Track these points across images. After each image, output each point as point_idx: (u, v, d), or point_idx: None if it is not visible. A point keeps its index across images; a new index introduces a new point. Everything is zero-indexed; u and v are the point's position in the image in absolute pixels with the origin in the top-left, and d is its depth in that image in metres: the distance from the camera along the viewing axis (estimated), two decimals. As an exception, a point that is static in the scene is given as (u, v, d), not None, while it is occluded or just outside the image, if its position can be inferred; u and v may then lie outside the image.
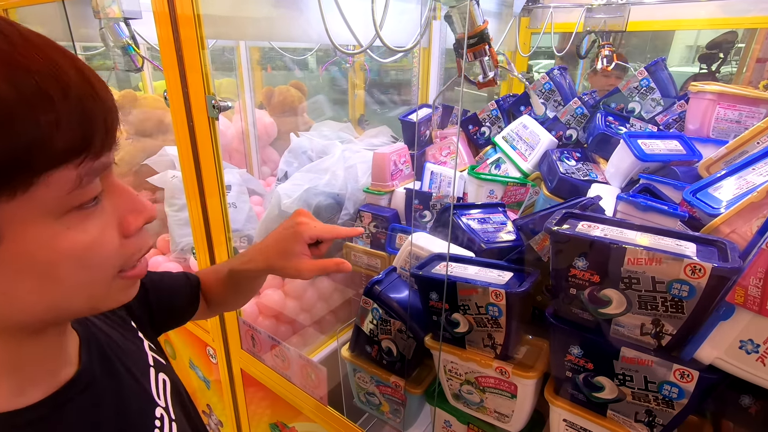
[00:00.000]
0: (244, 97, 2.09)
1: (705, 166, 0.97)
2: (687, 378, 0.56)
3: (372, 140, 1.87)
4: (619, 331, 0.61)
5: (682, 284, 0.53)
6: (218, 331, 1.23)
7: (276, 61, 2.68)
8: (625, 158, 1.08)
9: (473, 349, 0.77)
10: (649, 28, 1.88)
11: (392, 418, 0.96)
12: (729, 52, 2.68)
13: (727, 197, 0.80)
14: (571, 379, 0.67)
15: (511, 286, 0.71)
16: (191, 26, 0.87)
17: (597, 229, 0.62)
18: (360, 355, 0.96)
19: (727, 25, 1.93)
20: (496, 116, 1.53)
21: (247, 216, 1.62)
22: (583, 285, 0.62)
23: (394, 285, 0.90)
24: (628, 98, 1.32)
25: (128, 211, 0.38)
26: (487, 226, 1.00)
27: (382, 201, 1.38)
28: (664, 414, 0.60)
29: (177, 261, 1.59)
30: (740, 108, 1.07)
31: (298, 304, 1.44)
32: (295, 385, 1.11)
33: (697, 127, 1.13)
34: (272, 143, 2.28)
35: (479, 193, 1.29)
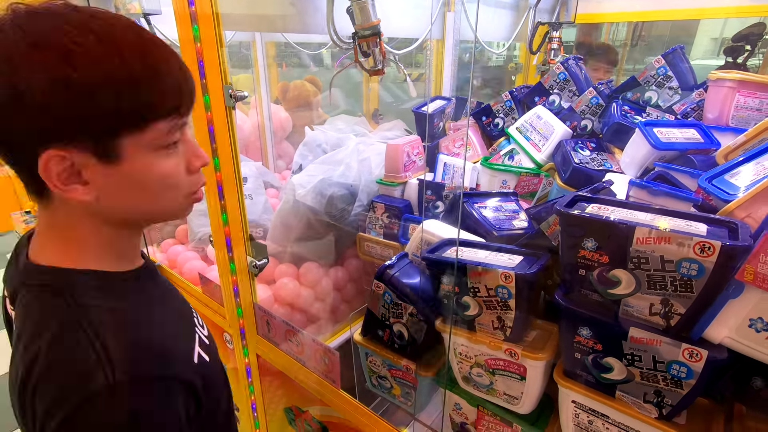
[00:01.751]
0: (260, 92, 2.13)
1: (723, 155, 0.95)
2: (696, 357, 0.56)
3: (386, 133, 1.88)
4: (628, 311, 0.61)
5: (691, 263, 0.54)
6: (235, 317, 1.27)
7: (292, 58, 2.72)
8: (641, 147, 1.07)
9: (483, 332, 0.78)
10: (671, 17, 1.84)
11: (404, 402, 0.98)
12: (756, 44, 2.59)
13: (744, 183, 0.79)
14: (580, 360, 0.68)
15: (521, 268, 0.72)
16: (210, 24, 0.90)
17: (607, 211, 0.63)
18: (372, 339, 0.98)
19: (754, 13, 1.87)
20: (510, 107, 1.52)
21: (263, 207, 1.65)
22: (592, 266, 0.62)
23: (406, 270, 0.92)
24: (644, 87, 1.30)
25: (192, 156, 0.55)
26: (499, 215, 1.00)
27: (395, 192, 1.40)
28: (672, 394, 0.60)
29: (195, 250, 1.64)
30: (761, 96, 1.04)
31: (313, 294, 1.46)
32: (309, 370, 1.13)
33: (715, 116, 1.11)
34: (288, 137, 2.31)
35: (492, 183, 1.29)
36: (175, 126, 0.50)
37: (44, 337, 0.46)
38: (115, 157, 0.47)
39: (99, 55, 0.43)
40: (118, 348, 0.46)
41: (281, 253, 1.50)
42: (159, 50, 0.48)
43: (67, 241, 0.52)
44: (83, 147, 0.45)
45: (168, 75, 0.48)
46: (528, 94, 1.50)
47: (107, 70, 0.43)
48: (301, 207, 1.39)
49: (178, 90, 0.49)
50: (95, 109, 0.44)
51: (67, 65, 0.42)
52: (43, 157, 0.44)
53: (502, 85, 2.50)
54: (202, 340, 0.61)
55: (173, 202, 0.55)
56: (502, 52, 2.10)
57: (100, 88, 0.43)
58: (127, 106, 0.45)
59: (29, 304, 0.50)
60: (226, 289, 1.21)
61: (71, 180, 0.47)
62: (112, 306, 0.50)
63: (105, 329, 0.47)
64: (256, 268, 1.12)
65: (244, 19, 1.20)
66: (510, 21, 1.90)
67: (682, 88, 1.26)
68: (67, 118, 0.43)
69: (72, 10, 0.45)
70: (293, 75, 2.64)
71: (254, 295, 1.20)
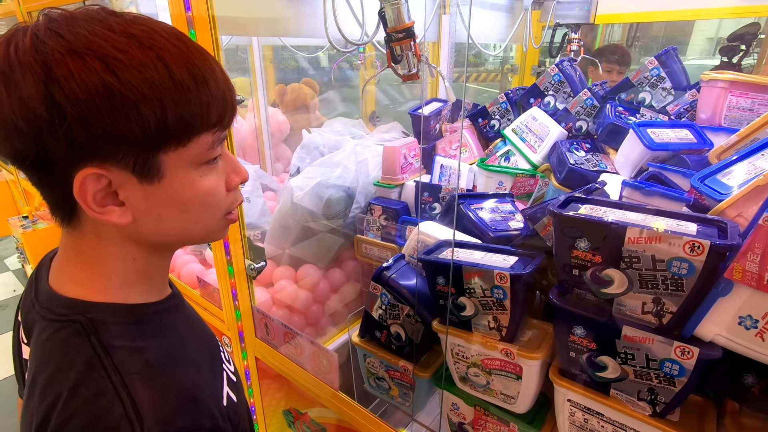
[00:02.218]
0: (257, 95, 2.14)
1: (716, 154, 0.96)
2: (687, 355, 0.57)
3: (383, 135, 1.89)
4: (621, 310, 0.62)
5: (681, 262, 0.54)
6: (233, 320, 1.27)
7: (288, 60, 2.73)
8: (635, 147, 1.08)
9: (479, 332, 0.79)
10: (667, 18, 1.85)
11: (402, 402, 0.98)
12: (751, 44, 2.61)
13: (737, 183, 0.80)
14: (575, 359, 0.69)
15: (516, 269, 0.72)
16: (207, 28, 0.91)
17: (599, 211, 0.63)
18: (370, 341, 0.98)
19: (749, 13, 1.88)
20: (505, 109, 1.53)
21: (261, 210, 1.66)
22: (585, 266, 0.63)
23: (403, 271, 0.92)
24: (638, 88, 1.31)
25: (232, 171, 0.51)
26: (495, 216, 1.01)
27: (392, 194, 1.40)
28: (665, 392, 0.61)
29: (193, 253, 1.64)
30: (753, 96, 1.05)
31: (311, 296, 1.47)
32: (308, 372, 1.14)
33: (708, 116, 1.12)
34: (285, 140, 2.32)
35: (488, 184, 1.30)
36: (218, 139, 0.47)
37: (65, 383, 0.42)
38: (157, 175, 0.43)
39: (143, 63, 0.39)
40: (147, 398, 0.42)
41: (279, 255, 1.51)
42: (203, 57, 0.44)
43: (94, 270, 0.48)
44: (123, 165, 0.42)
45: (214, 84, 0.44)
46: (523, 95, 1.52)
47: (152, 79, 0.39)
48: (299, 209, 1.40)
49: (223, 100, 0.45)
50: (140, 124, 0.40)
51: (110, 74, 0.38)
52: (79, 176, 0.40)
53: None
54: (230, 377, 0.57)
55: (212, 222, 0.51)
56: (498, 54, 2.12)
57: (144, 99, 0.39)
58: (173, 118, 0.41)
59: (49, 341, 0.46)
60: (225, 293, 1.21)
61: (107, 201, 0.43)
62: (140, 346, 0.46)
63: (132, 375, 0.43)
64: (254, 271, 1.13)
65: (241, 24, 1.21)
66: (505, 23, 1.92)
67: (676, 88, 1.28)
68: (108, 131, 0.39)
69: (111, 14, 0.41)
70: (290, 78, 2.65)
71: (252, 298, 1.21)
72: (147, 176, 0.43)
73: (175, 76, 0.41)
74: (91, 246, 0.48)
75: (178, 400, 0.44)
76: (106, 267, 0.48)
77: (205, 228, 0.50)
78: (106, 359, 0.43)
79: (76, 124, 0.38)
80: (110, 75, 0.38)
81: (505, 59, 2.31)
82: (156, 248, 0.51)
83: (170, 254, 0.55)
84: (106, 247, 0.48)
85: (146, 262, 0.50)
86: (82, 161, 0.40)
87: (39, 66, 0.37)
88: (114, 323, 0.46)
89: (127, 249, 0.48)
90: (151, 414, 0.41)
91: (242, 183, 0.53)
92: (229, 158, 0.51)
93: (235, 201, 0.53)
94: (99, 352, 0.43)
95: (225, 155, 0.51)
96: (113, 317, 0.47)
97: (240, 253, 1.13)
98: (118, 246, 0.48)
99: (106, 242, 0.47)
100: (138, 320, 0.48)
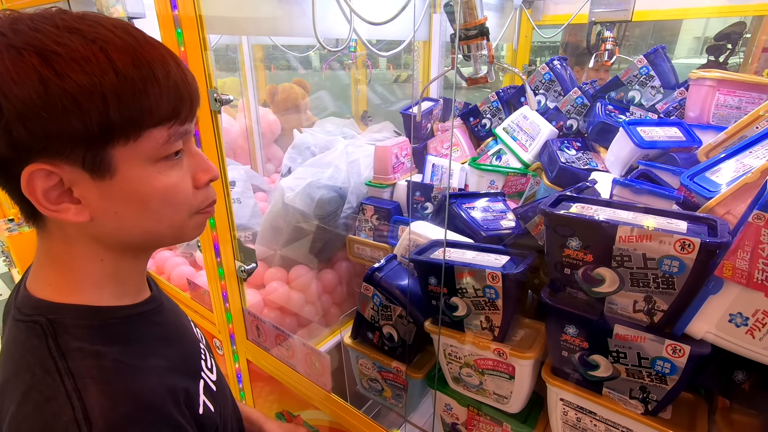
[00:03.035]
0: (247, 95, 2.12)
1: (704, 152, 0.97)
2: (679, 353, 0.57)
3: (375, 135, 1.89)
4: (613, 309, 0.62)
5: (672, 260, 0.54)
6: (224, 322, 1.26)
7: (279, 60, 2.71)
8: (625, 146, 1.08)
9: (472, 332, 0.78)
10: (654, 17, 1.86)
11: (395, 404, 0.98)
12: (737, 43, 2.65)
13: (725, 180, 0.80)
14: (567, 358, 0.68)
15: (508, 268, 0.72)
16: (194, 27, 0.90)
17: (590, 210, 0.63)
18: (362, 342, 0.98)
19: (734, 12, 1.90)
20: (496, 108, 1.53)
21: (252, 211, 1.64)
22: (576, 265, 0.63)
23: (395, 272, 0.92)
24: (627, 87, 1.32)
25: (199, 170, 0.50)
26: (487, 215, 1.01)
27: (384, 194, 1.40)
28: (657, 390, 0.61)
29: (183, 256, 1.62)
30: (740, 94, 1.07)
31: (303, 297, 1.46)
32: (300, 374, 1.13)
33: (697, 114, 1.13)
34: (276, 140, 2.30)
35: (480, 183, 1.30)
36: (175, 134, 0.45)
37: (20, 386, 0.42)
38: (108, 170, 0.43)
39: (84, 56, 0.39)
40: (98, 404, 0.41)
41: (270, 256, 1.49)
42: (153, 50, 0.43)
43: (63, 271, 0.48)
44: (71, 161, 0.41)
45: (164, 77, 0.43)
46: (514, 94, 1.52)
47: (93, 73, 0.39)
48: (290, 210, 1.39)
49: (176, 93, 0.44)
50: (80, 116, 0.39)
51: (47, 67, 0.37)
52: (25, 173, 0.40)
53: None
54: (208, 386, 0.55)
55: (178, 220, 0.49)
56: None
57: (85, 93, 0.38)
58: (117, 113, 0.40)
59: (11, 341, 0.46)
60: (215, 295, 1.20)
61: (62, 199, 0.43)
62: (99, 350, 0.45)
63: (86, 380, 0.42)
64: (245, 273, 1.12)
65: (229, 23, 1.20)
66: (495, 22, 1.92)
67: (664, 87, 1.29)
68: (49, 128, 0.38)
69: (61, 13, 0.41)
70: (281, 78, 2.63)
71: (243, 300, 1.20)
72: (98, 172, 0.42)
73: (119, 69, 0.40)
74: (58, 247, 0.47)
75: (130, 407, 0.43)
76: (74, 268, 0.48)
77: (172, 226, 0.49)
78: (60, 362, 0.42)
79: (14, 121, 0.38)
80: (47, 69, 0.38)
81: (496, 58, 2.31)
82: (124, 249, 0.50)
83: (144, 256, 0.54)
84: (73, 249, 0.47)
85: (115, 263, 0.49)
86: (28, 158, 0.40)
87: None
88: (74, 326, 0.45)
89: (93, 250, 0.48)
90: (101, 420, 0.40)
91: (211, 181, 0.51)
92: (197, 156, 0.50)
93: (206, 199, 0.51)
94: (54, 355, 0.43)
95: (191, 152, 0.50)
96: (75, 319, 0.46)
97: (230, 255, 1.12)
98: (84, 247, 0.47)
99: (72, 243, 0.47)
100: (102, 324, 0.47)
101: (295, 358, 1.13)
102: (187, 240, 0.53)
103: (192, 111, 0.47)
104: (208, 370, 0.58)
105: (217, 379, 0.60)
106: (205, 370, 0.57)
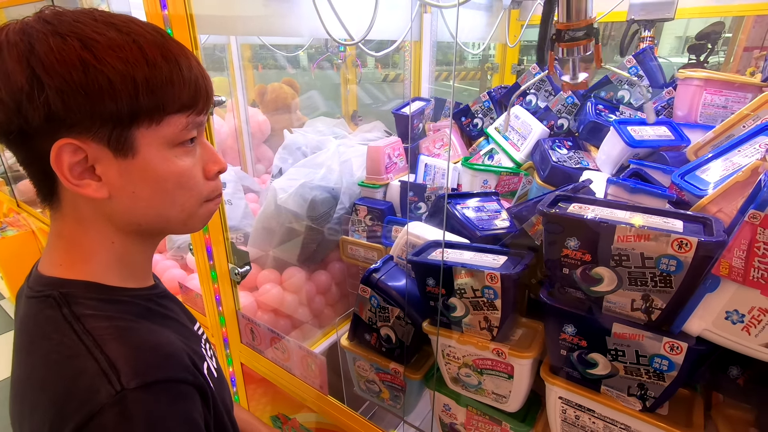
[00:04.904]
0: (236, 95, 2.10)
1: (693, 151, 0.99)
2: (676, 350, 0.58)
3: (366, 135, 1.88)
4: (611, 308, 0.62)
5: (669, 259, 0.55)
6: (217, 325, 1.24)
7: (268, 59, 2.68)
8: (616, 145, 1.10)
9: (470, 332, 0.78)
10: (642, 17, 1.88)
11: (392, 405, 0.98)
12: (717, 42, 2.71)
13: (714, 179, 0.82)
14: (565, 357, 0.69)
15: (506, 268, 0.72)
16: (184, 27, 0.88)
17: (588, 210, 0.64)
18: (359, 344, 0.97)
19: (714, 13, 1.94)
20: (488, 108, 1.54)
21: (243, 213, 1.62)
22: (575, 264, 0.63)
23: (392, 273, 0.92)
24: (617, 86, 1.34)
25: (210, 161, 0.54)
26: (481, 215, 1.01)
27: (377, 194, 1.39)
28: (655, 387, 0.62)
29: (174, 259, 1.60)
30: (726, 93, 1.09)
31: (297, 299, 1.45)
32: (296, 377, 1.12)
33: (685, 113, 1.15)
34: (266, 141, 2.28)
35: (473, 183, 1.31)
36: (192, 123, 0.49)
37: (39, 352, 0.45)
38: (131, 150, 0.46)
39: (119, 44, 0.44)
40: (121, 354, 0.44)
41: (263, 258, 1.48)
42: (178, 47, 0.48)
43: (74, 251, 0.51)
44: (98, 138, 0.45)
45: (188, 69, 0.48)
46: (505, 94, 1.53)
47: (127, 60, 0.43)
48: (283, 211, 1.38)
49: (196, 85, 0.49)
50: (113, 97, 0.43)
51: (87, 51, 0.42)
52: (56, 146, 0.43)
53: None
54: (211, 371, 0.57)
55: (190, 205, 0.52)
56: (479, 53, 2.13)
57: (119, 77, 0.43)
58: (146, 96, 0.45)
59: (26, 315, 0.49)
60: (208, 298, 1.18)
61: (85, 175, 0.46)
62: (111, 315, 0.48)
63: (105, 336, 0.45)
64: (239, 276, 1.10)
65: (220, 22, 1.18)
66: (485, 21, 1.93)
67: (653, 86, 1.31)
68: (83, 105, 0.43)
69: (96, 10, 0.46)
70: (269, 77, 2.60)
71: (237, 303, 1.18)
72: (121, 151, 0.46)
73: (150, 59, 0.45)
74: (71, 228, 0.50)
75: (152, 355, 0.46)
76: (85, 249, 0.51)
77: (183, 210, 0.52)
78: (77, 325, 0.45)
79: (54, 94, 0.42)
80: (87, 52, 0.42)
81: (485, 58, 2.32)
82: (135, 233, 0.52)
83: (152, 243, 0.57)
84: (86, 229, 0.50)
85: (125, 247, 0.52)
86: (59, 132, 0.44)
87: (24, 44, 0.42)
88: (85, 297, 0.48)
89: (105, 232, 0.51)
90: (127, 368, 0.43)
91: (220, 173, 0.55)
92: (208, 148, 0.54)
93: (214, 190, 0.55)
94: (70, 320, 0.46)
95: (203, 144, 0.53)
96: (86, 292, 0.49)
97: (223, 257, 1.10)
98: (96, 228, 0.50)
99: (85, 224, 0.50)
100: (111, 299, 0.50)
101: (291, 360, 1.12)
102: (194, 230, 0.57)
103: (207, 103, 0.51)
104: (209, 356, 0.60)
105: (218, 368, 0.62)
106: (207, 356, 0.59)
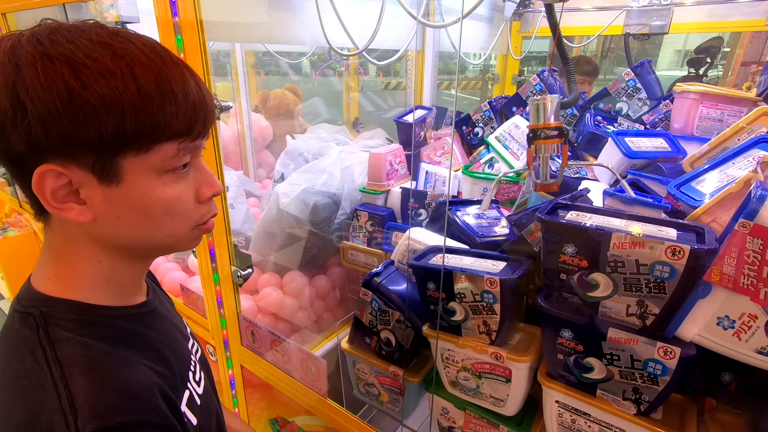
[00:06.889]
0: (239, 100, 2.12)
1: (689, 162, 1.01)
2: (670, 355, 0.60)
3: (367, 142, 1.91)
4: (607, 313, 0.64)
5: (663, 266, 0.57)
6: (218, 328, 1.25)
7: (271, 66, 2.72)
8: (614, 155, 1.12)
9: (469, 336, 0.80)
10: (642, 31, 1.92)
11: (391, 408, 0.99)
12: (715, 56, 2.75)
13: (709, 190, 0.84)
14: (562, 361, 0.71)
15: (505, 273, 0.74)
16: (194, 33, 0.90)
17: (585, 218, 0.66)
18: (359, 347, 0.98)
19: (712, 28, 1.98)
20: (488, 117, 1.57)
21: (245, 217, 1.64)
22: (572, 270, 0.65)
23: (393, 277, 0.93)
24: (615, 98, 1.36)
25: (203, 184, 0.52)
26: (481, 221, 1.03)
27: (378, 200, 1.41)
28: (649, 391, 0.63)
29: (176, 261, 1.61)
30: (722, 107, 1.11)
31: (297, 303, 1.46)
32: (296, 379, 1.13)
33: (681, 126, 1.18)
34: (268, 146, 2.30)
35: (473, 191, 1.33)
36: (185, 149, 0.47)
37: (9, 374, 0.44)
38: (116, 178, 0.45)
39: (111, 71, 0.41)
40: (83, 391, 0.42)
41: (264, 262, 1.49)
42: (177, 69, 0.45)
43: (61, 266, 0.50)
44: (82, 165, 0.43)
45: (183, 96, 0.45)
46: (506, 104, 1.55)
47: (116, 86, 0.41)
48: (285, 216, 1.39)
49: (192, 112, 0.46)
50: (98, 127, 0.41)
51: (75, 79, 0.40)
52: (38, 172, 0.42)
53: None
54: (193, 399, 0.55)
55: (178, 231, 0.51)
56: (480, 63, 2.16)
57: (105, 104, 0.41)
58: (133, 125, 0.43)
59: (7, 329, 0.48)
60: (210, 301, 1.19)
61: (68, 198, 0.45)
62: (86, 341, 0.46)
63: (73, 368, 0.43)
64: (241, 279, 1.12)
65: (226, 29, 1.20)
66: (487, 32, 1.96)
67: (650, 98, 1.33)
68: (65, 132, 0.41)
69: (97, 27, 0.43)
70: (273, 83, 2.64)
71: (238, 306, 1.20)
72: (106, 178, 0.45)
73: (141, 85, 0.42)
74: (59, 244, 0.50)
75: (115, 395, 0.44)
76: (72, 266, 0.50)
77: (170, 236, 0.51)
78: (49, 352, 0.44)
79: (35, 122, 0.40)
80: (75, 80, 0.40)
81: (486, 68, 2.36)
82: (122, 252, 0.51)
83: (141, 262, 0.55)
84: (73, 247, 0.49)
85: (112, 266, 0.51)
86: (42, 158, 0.42)
87: (11, 66, 0.40)
88: (64, 318, 0.47)
89: (92, 250, 0.50)
90: (86, 407, 0.41)
91: (214, 196, 0.53)
92: (203, 170, 0.52)
93: (207, 213, 0.53)
94: (44, 345, 0.44)
95: (199, 167, 0.51)
96: (66, 313, 0.48)
97: (226, 260, 1.12)
98: (83, 246, 0.49)
99: (73, 241, 0.49)
100: (91, 321, 0.49)
101: (291, 363, 1.13)
102: (183, 250, 0.55)
103: (205, 128, 0.49)
104: (195, 383, 0.58)
105: (203, 394, 0.60)
106: (192, 382, 0.58)
